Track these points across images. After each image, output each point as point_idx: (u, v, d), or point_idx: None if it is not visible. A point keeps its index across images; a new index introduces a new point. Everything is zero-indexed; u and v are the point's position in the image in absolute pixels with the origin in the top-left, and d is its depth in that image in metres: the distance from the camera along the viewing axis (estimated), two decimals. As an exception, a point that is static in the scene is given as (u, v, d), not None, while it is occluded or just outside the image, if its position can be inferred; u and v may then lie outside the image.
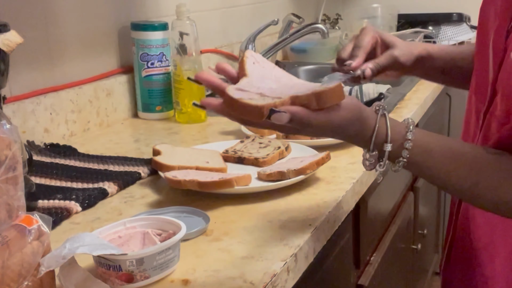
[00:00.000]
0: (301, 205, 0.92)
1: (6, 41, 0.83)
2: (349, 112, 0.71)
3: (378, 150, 0.74)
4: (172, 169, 1.01)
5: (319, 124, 0.69)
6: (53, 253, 0.60)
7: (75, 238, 0.63)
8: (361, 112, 0.72)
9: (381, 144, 0.73)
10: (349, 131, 0.72)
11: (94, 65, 1.40)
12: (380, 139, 0.73)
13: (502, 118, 0.75)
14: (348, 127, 0.71)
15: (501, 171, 0.72)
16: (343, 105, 0.70)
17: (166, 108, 1.47)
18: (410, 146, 0.73)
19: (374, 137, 0.73)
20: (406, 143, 0.73)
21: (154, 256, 0.69)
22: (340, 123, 0.70)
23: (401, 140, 0.73)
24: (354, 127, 0.72)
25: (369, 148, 0.74)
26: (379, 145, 0.73)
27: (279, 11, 2.22)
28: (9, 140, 0.59)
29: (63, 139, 1.28)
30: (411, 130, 0.73)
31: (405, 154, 0.73)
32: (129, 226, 0.78)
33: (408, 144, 0.73)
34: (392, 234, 1.43)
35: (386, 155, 0.73)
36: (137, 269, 0.68)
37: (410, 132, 0.73)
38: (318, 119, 0.68)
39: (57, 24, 1.29)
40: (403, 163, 0.73)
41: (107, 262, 0.69)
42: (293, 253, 0.77)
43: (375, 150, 0.74)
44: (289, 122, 0.67)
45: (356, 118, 0.71)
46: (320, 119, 0.69)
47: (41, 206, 0.92)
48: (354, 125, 0.72)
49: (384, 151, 0.73)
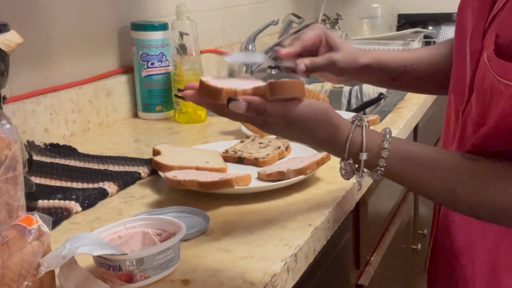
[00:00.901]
0: (301, 205, 0.92)
1: (6, 41, 0.83)
2: (312, 111, 0.71)
3: (354, 160, 0.75)
4: (172, 169, 1.01)
5: (276, 114, 0.70)
6: (53, 253, 0.60)
7: (75, 238, 0.63)
8: (330, 115, 0.73)
9: (356, 153, 0.74)
10: (317, 133, 0.73)
11: (94, 65, 1.40)
12: (355, 148, 0.74)
13: (477, 119, 0.75)
14: (313, 127, 0.72)
15: (477, 176, 0.72)
16: (306, 102, 0.71)
17: (166, 108, 1.47)
18: (386, 154, 0.73)
19: (348, 145, 0.73)
20: (382, 152, 0.73)
21: (154, 256, 0.69)
22: (299, 119, 0.71)
23: (377, 149, 0.74)
24: (324, 130, 0.73)
25: (343, 156, 0.74)
26: (354, 154, 0.74)
27: (279, 11, 2.22)
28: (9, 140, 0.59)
29: (63, 139, 1.28)
30: (388, 139, 0.74)
31: (382, 163, 0.73)
32: (129, 226, 0.78)
33: (384, 153, 0.73)
34: (392, 234, 1.43)
35: (362, 164, 0.74)
36: (137, 269, 0.68)
37: (386, 141, 0.74)
38: (273, 108, 0.70)
39: (57, 24, 1.29)
40: (381, 172, 0.74)
41: (107, 262, 0.69)
42: (293, 253, 0.77)
43: (350, 159, 0.75)
44: (246, 110, 0.69)
45: (323, 120, 0.72)
46: (275, 108, 0.70)
47: (41, 206, 0.92)
48: (322, 128, 0.72)
49: (360, 160, 0.74)
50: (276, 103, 0.70)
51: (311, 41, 0.92)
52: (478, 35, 0.77)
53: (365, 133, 0.74)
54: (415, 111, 1.48)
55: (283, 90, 0.70)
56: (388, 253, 1.36)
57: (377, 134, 0.75)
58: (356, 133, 0.74)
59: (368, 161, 0.74)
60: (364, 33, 2.34)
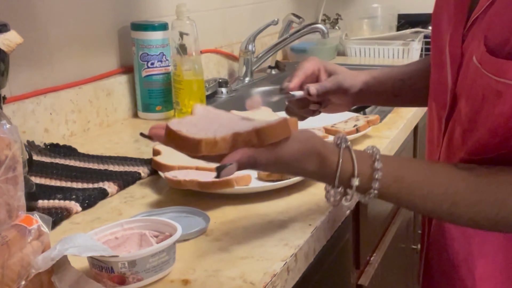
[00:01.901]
0: (301, 205, 0.92)
1: (6, 41, 0.83)
2: (300, 145, 0.68)
3: (345, 185, 0.71)
4: (172, 169, 1.01)
5: (268, 162, 0.67)
6: (43, 254, 0.60)
7: (67, 239, 0.63)
8: (315, 145, 0.69)
9: (347, 179, 0.70)
10: (307, 166, 0.69)
11: (94, 65, 1.40)
12: (346, 173, 0.70)
13: (467, 125, 0.74)
14: (303, 162, 0.68)
15: (476, 186, 0.70)
16: (293, 138, 0.68)
17: (166, 108, 1.47)
18: (379, 176, 0.70)
19: (339, 173, 0.69)
20: (375, 173, 0.70)
21: (147, 259, 0.69)
22: (290, 158, 0.68)
23: (369, 171, 0.70)
24: (312, 162, 0.69)
25: (334, 184, 0.70)
26: (345, 180, 0.70)
27: (279, 11, 2.22)
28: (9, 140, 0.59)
29: (63, 139, 1.28)
30: (378, 159, 0.70)
31: (376, 185, 0.70)
32: (126, 227, 0.77)
33: (377, 174, 0.70)
34: (392, 234, 1.43)
35: (353, 190, 0.70)
36: (129, 271, 0.68)
37: (377, 161, 0.70)
38: (264, 157, 0.66)
39: (57, 24, 1.29)
40: (374, 195, 0.71)
41: (100, 263, 0.68)
42: (293, 253, 0.77)
43: (341, 186, 0.71)
44: (239, 168, 0.65)
45: (310, 152, 0.69)
46: (267, 156, 0.66)
47: (41, 206, 0.92)
48: (311, 161, 0.69)
49: (352, 185, 0.70)
50: (264, 149, 0.66)
51: (310, 70, 0.95)
52: (457, 40, 0.76)
53: (355, 156, 0.70)
54: (415, 111, 1.48)
55: (272, 135, 0.65)
56: (388, 253, 1.36)
57: (366, 155, 0.71)
58: (345, 157, 0.70)
59: (359, 186, 0.70)
60: (364, 33, 2.34)
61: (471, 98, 0.72)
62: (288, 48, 2.21)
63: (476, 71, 0.70)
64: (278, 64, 2.05)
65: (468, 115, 0.73)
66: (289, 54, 2.26)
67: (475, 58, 0.69)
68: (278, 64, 2.04)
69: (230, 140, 0.65)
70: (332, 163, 0.70)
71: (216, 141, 0.64)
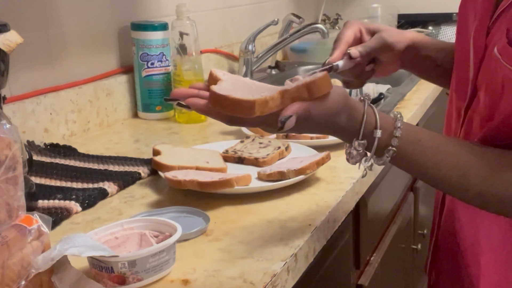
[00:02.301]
0: (301, 205, 0.92)
1: (6, 41, 0.83)
2: (338, 100, 0.70)
3: (367, 139, 0.72)
4: (172, 169, 1.01)
5: (320, 114, 0.68)
6: (43, 254, 0.60)
7: (67, 239, 0.63)
8: (347, 99, 0.71)
9: (370, 131, 0.71)
10: (340, 120, 0.70)
11: (94, 65, 1.40)
12: (370, 126, 0.71)
13: (485, 114, 0.75)
14: (338, 116, 0.70)
15: (489, 161, 0.71)
16: (332, 94, 0.69)
17: (166, 108, 1.47)
18: (399, 133, 0.71)
19: (364, 124, 0.71)
20: (395, 131, 0.71)
21: (147, 259, 0.69)
22: (335, 112, 0.69)
23: (391, 127, 0.72)
24: (344, 115, 0.70)
25: (358, 135, 0.71)
26: (369, 133, 0.71)
27: (279, 11, 2.22)
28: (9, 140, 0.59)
29: (63, 139, 1.28)
30: (399, 119, 0.72)
31: (395, 142, 0.71)
32: (126, 227, 0.77)
33: (397, 132, 0.71)
34: (392, 234, 1.43)
35: (375, 142, 0.71)
36: (129, 271, 0.68)
37: (398, 120, 0.72)
38: (317, 109, 0.68)
39: (57, 24, 1.29)
40: (392, 153, 0.71)
41: (100, 263, 0.68)
42: (293, 253, 0.77)
43: (364, 139, 0.72)
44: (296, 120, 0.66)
45: (343, 105, 0.70)
46: (318, 108, 0.68)
47: (41, 206, 0.92)
48: (343, 114, 0.70)
49: (374, 138, 0.71)
50: (316, 102, 0.67)
51: (351, 37, 0.90)
52: (482, 33, 0.77)
53: (377, 111, 0.72)
54: (415, 111, 1.48)
55: (320, 88, 0.67)
56: (388, 253, 1.36)
57: (388, 115, 0.73)
58: (369, 111, 0.72)
59: (380, 139, 0.71)
60: (364, 33, 2.34)
61: (491, 88, 0.73)
62: (288, 48, 2.21)
63: (496, 62, 0.71)
64: (278, 64, 2.05)
65: (487, 105, 0.74)
66: (289, 54, 2.26)
67: (496, 49, 0.70)
68: (278, 64, 2.04)
69: (279, 98, 0.67)
70: (358, 115, 0.71)
71: (267, 101, 0.65)
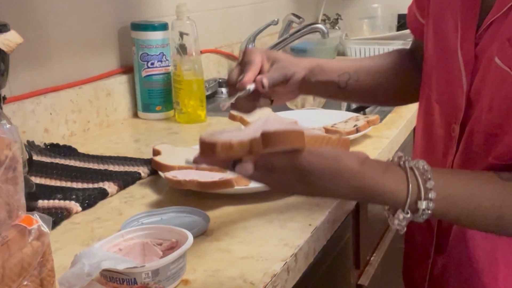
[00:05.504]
0: (301, 205, 0.92)
1: (6, 41, 0.83)
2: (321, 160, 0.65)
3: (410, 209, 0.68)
4: (172, 169, 1.00)
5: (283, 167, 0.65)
6: (72, 271, 0.60)
7: (88, 254, 0.63)
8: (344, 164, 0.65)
9: (414, 201, 0.68)
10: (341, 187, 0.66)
11: (94, 65, 1.40)
12: (413, 195, 0.67)
13: (490, 128, 0.73)
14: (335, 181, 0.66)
15: None
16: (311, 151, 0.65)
17: (166, 108, 1.47)
18: (434, 196, 0.68)
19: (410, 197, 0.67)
20: (429, 193, 0.68)
21: (168, 266, 0.68)
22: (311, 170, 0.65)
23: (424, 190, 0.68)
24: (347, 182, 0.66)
25: (404, 209, 0.68)
26: (412, 203, 0.68)
27: (279, 11, 2.22)
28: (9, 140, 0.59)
29: (63, 139, 1.28)
30: (430, 178, 0.68)
31: (431, 206, 0.68)
32: (127, 238, 0.76)
33: (432, 194, 0.68)
34: (392, 234, 1.43)
35: (420, 213, 0.67)
36: (152, 280, 0.66)
37: (430, 181, 0.68)
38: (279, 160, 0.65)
39: (57, 24, 1.29)
40: (426, 215, 0.68)
41: (121, 276, 0.66)
42: (293, 253, 0.77)
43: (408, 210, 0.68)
44: (255, 170, 0.65)
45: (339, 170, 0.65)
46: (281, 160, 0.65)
47: (41, 206, 0.92)
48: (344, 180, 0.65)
49: (418, 209, 0.67)
50: (282, 154, 0.65)
51: (259, 62, 0.89)
52: (470, 43, 0.75)
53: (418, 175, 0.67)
54: (415, 111, 1.47)
55: (276, 140, 0.64)
56: (388, 253, 1.36)
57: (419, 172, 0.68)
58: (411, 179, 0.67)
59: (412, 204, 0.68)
60: (364, 33, 2.34)
61: (497, 102, 0.71)
62: (288, 48, 2.21)
63: (502, 75, 0.69)
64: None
65: (493, 120, 0.72)
66: (289, 54, 2.26)
67: (501, 62, 0.68)
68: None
69: (247, 145, 0.65)
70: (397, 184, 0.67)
71: (232, 145, 0.65)
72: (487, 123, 0.73)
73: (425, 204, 0.67)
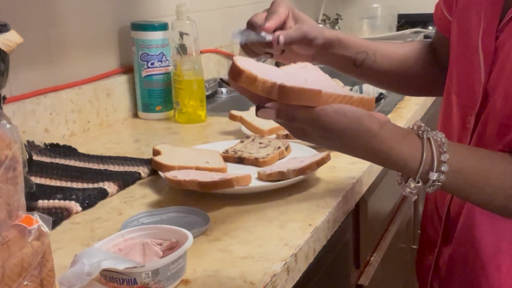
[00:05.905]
0: (301, 205, 0.92)
1: (6, 41, 0.83)
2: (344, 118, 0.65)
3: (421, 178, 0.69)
4: (172, 169, 1.01)
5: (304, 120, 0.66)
6: (72, 271, 0.60)
7: (87, 254, 0.62)
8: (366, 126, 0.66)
9: (426, 171, 0.69)
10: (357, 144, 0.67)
11: (94, 65, 1.40)
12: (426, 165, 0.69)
13: (504, 119, 0.74)
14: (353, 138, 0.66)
15: None
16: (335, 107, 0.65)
17: (166, 108, 1.47)
18: (446, 169, 0.69)
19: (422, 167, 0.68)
20: (442, 166, 0.69)
21: (168, 266, 0.68)
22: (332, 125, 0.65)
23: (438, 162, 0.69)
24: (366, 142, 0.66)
25: (415, 176, 0.69)
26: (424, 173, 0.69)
27: (279, 11, 2.22)
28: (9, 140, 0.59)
29: (63, 139, 1.28)
30: (445, 151, 0.69)
31: (441, 177, 0.69)
32: (127, 238, 0.75)
33: (444, 167, 0.69)
34: (392, 234, 1.43)
35: (430, 183, 0.69)
36: (152, 280, 0.66)
37: (444, 154, 0.69)
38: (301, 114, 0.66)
39: (57, 24, 1.29)
40: (436, 187, 0.70)
41: (121, 276, 0.66)
42: (293, 253, 0.77)
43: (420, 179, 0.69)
44: (276, 117, 0.66)
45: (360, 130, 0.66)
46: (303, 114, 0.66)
47: (41, 206, 0.92)
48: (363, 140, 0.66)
49: (429, 179, 0.69)
50: (304, 108, 0.65)
51: (284, 14, 0.90)
52: (491, 37, 0.77)
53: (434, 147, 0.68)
54: (415, 111, 1.48)
55: (291, 96, 0.65)
56: (388, 253, 1.36)
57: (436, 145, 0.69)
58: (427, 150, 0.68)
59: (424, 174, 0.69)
60: (364, 33, 2.34)
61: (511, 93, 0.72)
62: (288, 48, 2.21)
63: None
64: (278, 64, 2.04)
65: (507, 110, 0.73)
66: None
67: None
68: (278, 64, 2.04)
69: (269, 87, 0.66)
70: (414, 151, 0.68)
71: (256, 79, 0.66)
72: (501, 114, 0.75)
73: (436, 175, 0.68)
